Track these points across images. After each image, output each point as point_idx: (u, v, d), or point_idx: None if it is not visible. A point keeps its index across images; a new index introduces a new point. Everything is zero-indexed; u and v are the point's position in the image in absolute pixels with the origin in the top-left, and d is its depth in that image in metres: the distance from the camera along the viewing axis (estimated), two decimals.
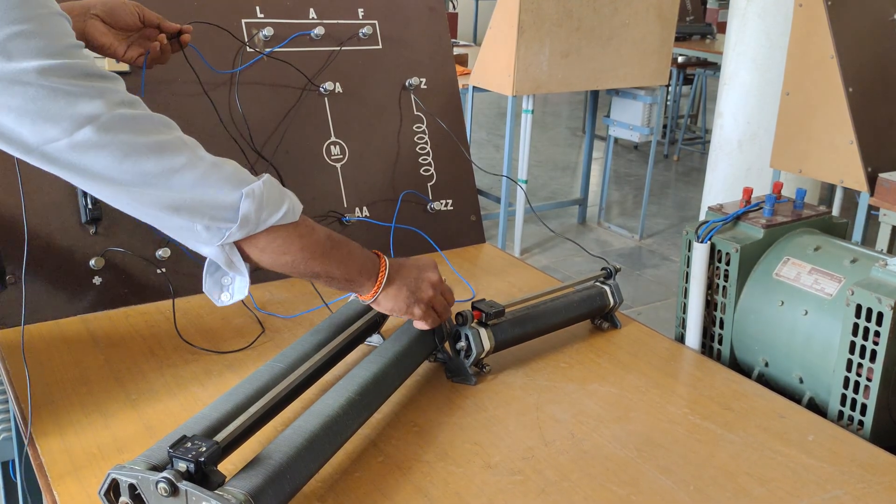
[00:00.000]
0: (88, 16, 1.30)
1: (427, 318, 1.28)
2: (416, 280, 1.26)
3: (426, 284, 1.27)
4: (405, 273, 1.26)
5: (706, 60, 6.91)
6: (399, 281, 1.24)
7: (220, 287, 1.19)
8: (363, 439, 1.17)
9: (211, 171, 1.05)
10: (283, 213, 1.10)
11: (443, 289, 1.30)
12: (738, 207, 1.53)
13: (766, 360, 1.46)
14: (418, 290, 1.26)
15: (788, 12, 3.55)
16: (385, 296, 1.23)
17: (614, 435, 1.21)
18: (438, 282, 1.29)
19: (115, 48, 1.33)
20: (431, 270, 1.29)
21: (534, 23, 4.11)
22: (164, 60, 1.42)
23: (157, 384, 1.29)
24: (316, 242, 1.15)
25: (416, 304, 1.25)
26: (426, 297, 1.26)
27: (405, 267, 1.27)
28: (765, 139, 3.82)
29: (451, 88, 1.98)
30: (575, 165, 7.01)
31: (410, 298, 1.25)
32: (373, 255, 1.24)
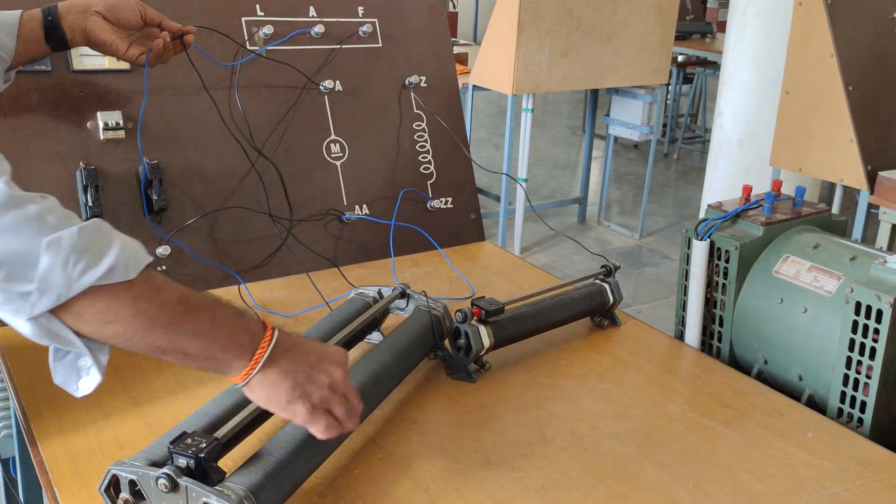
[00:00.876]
0: (90, 13, 1.30)
1: (316, 423, 0.96)
2: (311, 370, 0.96)
3: (322, 380, 0.96)
4: (298, 357, 0.96)
5: (706, 59, 6.90)
6: (286, 365, 0.94)
7: (76, 372, 0.92)
8: (363, 436, 1.17)
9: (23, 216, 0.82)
10: (107, 270, 0.83)
11: (345, 390, 0.99)
12: (738, 205, 1.53)
13: (766, 358, 1.46)
14: (309, 383, 0.95)
15: (788, 11, 3.55)
16: (261, 381, 0.93)
17: (614, 432, 1.21)
18: (341, 381, 0.98)
19: (117, 46, 1.33)
20: (335, 365, 0.98)
21: (534, 22, 4.11)
22: (165, 60, 1.42)
23: (157, 381, 1.29)
24: (160, 308, 0.87)
25: (300, 402, 0.94)
26: (317, 395, 0.95)
27: (300, 349, 0.97)
28: (764, 138, 3.82)
29: (451, 87, 1.98)
30: (575, 164, 7.01)
31: (295, 392, 0.94)
32: (254, 325, 0.95)
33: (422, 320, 1.34)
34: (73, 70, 1.53)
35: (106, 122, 1.53)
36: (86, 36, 1.31)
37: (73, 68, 1.53)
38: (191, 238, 1.60)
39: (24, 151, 1.47)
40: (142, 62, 1.36)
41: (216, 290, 1.60)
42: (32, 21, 1.28)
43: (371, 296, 1.41)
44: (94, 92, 1.55)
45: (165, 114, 1.61)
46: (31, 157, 1.48)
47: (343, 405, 0.98)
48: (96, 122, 1.53)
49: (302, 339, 1.00)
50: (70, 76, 1.53)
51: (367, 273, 1.73)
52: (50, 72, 1.52)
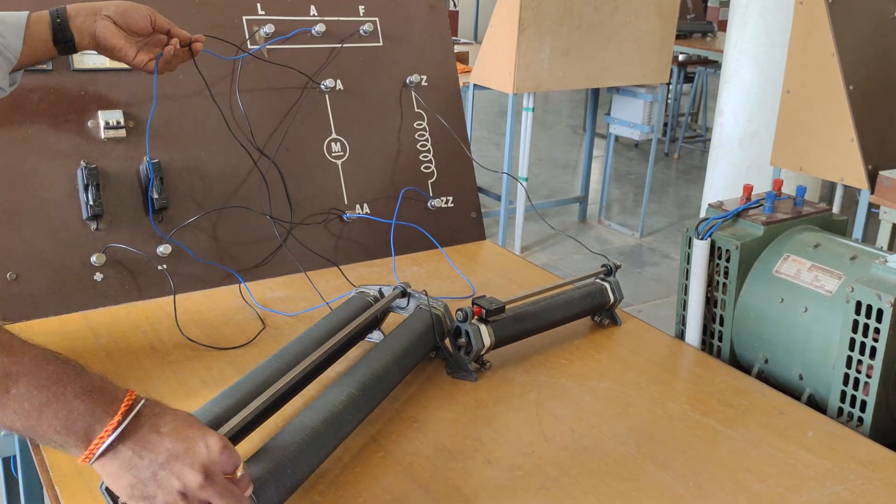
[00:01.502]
0: (100, 17, 1.30)
1: None
2: (159, 469, 0.81)
3: (172, 484, 0.81)
4: (147, 449, 0.81)
5: (707, 58, 6.91)
6: (129, 459, 0.81)
7: None
8: (364, 435, 1.17)
9: None
10: None
11: (206, 497, 0.82)
12: (739, 204, 1.53)
13: (766, 357, 1.46)
14: (153, 484, 0.81)
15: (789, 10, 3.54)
16: (101, 467, 0.82)
17: (614, 431, 1.22)
18: (196, 488, 0.82)
19: (126, 51, 1.32)
20: (193, 468, 0.81)
21: (534, 21, 4.11)
22: (172, 67, 1.41)
23: (158, 380, 1.29)
24: None
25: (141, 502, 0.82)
26: (162, 501, 0.81)
27: (155, 439, 0.82)
28: (765, 137, 3.82)
29: (452, 86, 1.98)
30: (575, 163, 7.01)
31: (135, 491, 0.81)
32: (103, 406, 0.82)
33: (422, 319, 1.34)
34: (73, 69, 1.53)
35: (107, 120, 1.53)
36: (95, 40, 1.30)
37: (73, 67, 1.53)
38: (192, 237, 1.60)
39: (25, 150, 1.48)
40: (150, 69, 1.35)
41: (217, 289, 1.60)
42: (40, 22, 1.27)
43: (372, 295, 1.41)
44: (94, 91, 1.55)
45: (166, 113, 1.61)
46: (32, 156, 1.48)
47: None
48: (97, 120, 1.54)
49: (168, 426, 0.83)
50: (71, 75, 1.53)
51: (368, 272, 1.74)
52: (51, 70, 1.52)
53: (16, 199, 1.46)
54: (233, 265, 1.63)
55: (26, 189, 1.47)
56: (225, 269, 1.61)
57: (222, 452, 0.83)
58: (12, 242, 1.44)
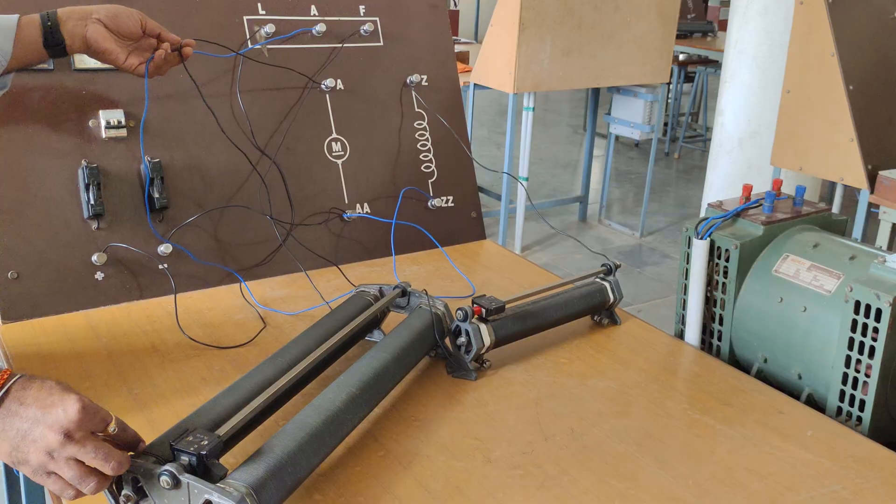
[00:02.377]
0: (91, 20, 1.30)
1: (46, 486, 0.92)
2: (25, 434, 0.89)
3: (37, 445, 0.89)
4: (14, 419, 0.90)
5: (707, 58, 6.91)
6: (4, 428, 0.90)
7: None
8: (364, 433, 1.18)
9: None
10: None
11: (71, 454, 0.89)
12: (738, 204, 1.53)
13: (765, 357, 1.47)
14: (23, 450, 0.90)
15: (789, 10, 3.55)
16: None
17: (614, 430, 1.22)
18: (58, 446, 0.89)
19: (116, 54, 1.33)
20: (50, 429, 0.89)
21: (535, 20, 4.11)
22: (163, 72, 1.42)
23: (159, 379, 1.30)
24: None
25: (20, 466, 0.91)
26: (34, 460, 0.89)
27: (21, 410, 0.90)
28: (765, 137, 3.82)
29: (453, 85, 1.98)
30: (576, 163, 7.01)
31: (13, 456, 0.90)
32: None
33: (423, 318, 1.34)
34: (75, 68, 1.54)
35: (108, 120, 1.53)
36: (86, 43, 1.31)
37: (75, 67, 1.54)
38: (192, 236, 1.60)
39: (26, 149, 1.48)
40: (140, 72, 1.36)
41: (218, 288, 1.60)
42: (31, 26, 1.27)
43: (372, 294, 1.41)
44: (96, 90, 1.55)
45: (167, 112, 1.61)
46: (34, 156, 1.49)
47: (70, 469, 0.89)
48: (98, 120, 1.54)
49: (31, 397, 0.90)
50: (72, 75, 1.54)
51: (369, 271, 1.74)
52: (52, 70, 1.52)
53: (17, 198, 1.46)
54: (233, 265, 1.64)
55: (27, 188, 1.47)
56: (225, 269, 1.62)
57: (80, 413, 0.90)
58: (13, 241, 1.45)
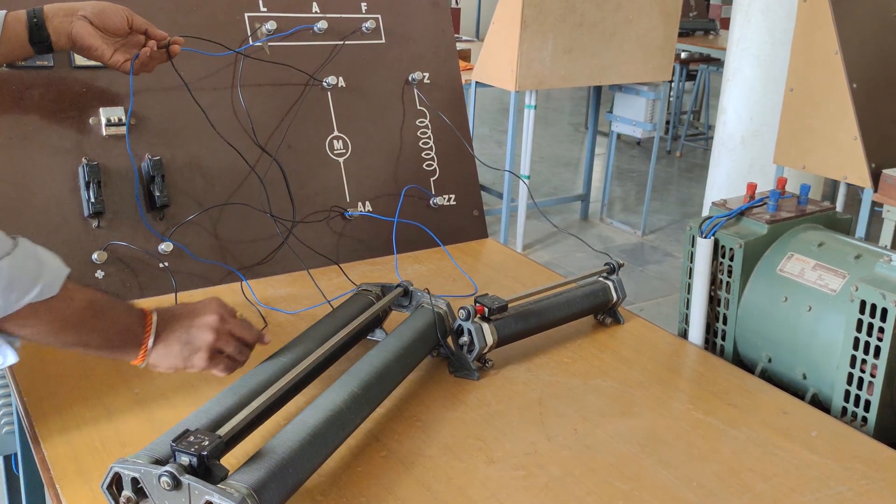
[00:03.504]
0: (76, 17, 1.30)
1: (216, 365, 1.14)
2: (189, 329, 1.12)
3: (203, 331, 1.12)
4: (175, 325, 1.12)
5: (709, 56, 6.89)
6: (169, 336, 1.11)
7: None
8: (366, 434, 1.17)
9: None
10: (37, 293, 0.99)
11: (230, 327, 1.15)
12: (742, 203, 1.53)
13: (770, 356, 1.46)
14: (192, 340, 1.12)
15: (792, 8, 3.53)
16: (156, 356, 1.11)
17: (617, 430, 1.21)
18: (218, 322, 1.13)
19: (102, 51, 1.32)
20: (207, 313, 1.14)
21: (537, 18, 4.10)
22: (150, 69, 1.41)
23: (159, 379, 1.28)
24: (72, 314, 1.04)
25: (194, 356, 1.12)
26: (204, 344, 1.12)
27: (176, 318, 1.13)
28: (768, 135, 3.81)
29: (455, 83, 1.97)
30: (577, 161, 7.00)
31: (185, 351, 1.11)
32: (138, 316, 1.11)
33: (425, 318, 1.33)
34: (75, 66, 1.53)
35: (108, 117, 1.53)
36: (71, 40, 1.30)
37: (75, 64, 1.53)
38: (193, 234, 1.59)
39: (26, 147, 1.47)
40: (126, 69, 1.35)
41: (219, 286, 1.60)
42: (17, 22, 1.27)
43: (374, 293, 1.40)
44: (96, 88, 1.54)
45: (167, 110, 1.60)
46: (34, 153, 1.48)
47: (230, 343, 1.14)
48: (98, 118, 1.53)
49: (176, 308, 1.15)
50: (72, 72, 1.53)
51: (370, 270, 1.73)
52: (52, 67, 1.51)
53: (16, 196, 1.45)
54: (234, 263, 1.63)
55: (27, 186, 1.46)
56: (226, 268, 1.61)
57: (218, 302, 1.16)
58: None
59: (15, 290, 0.97)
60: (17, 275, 0.97)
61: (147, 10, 1.58)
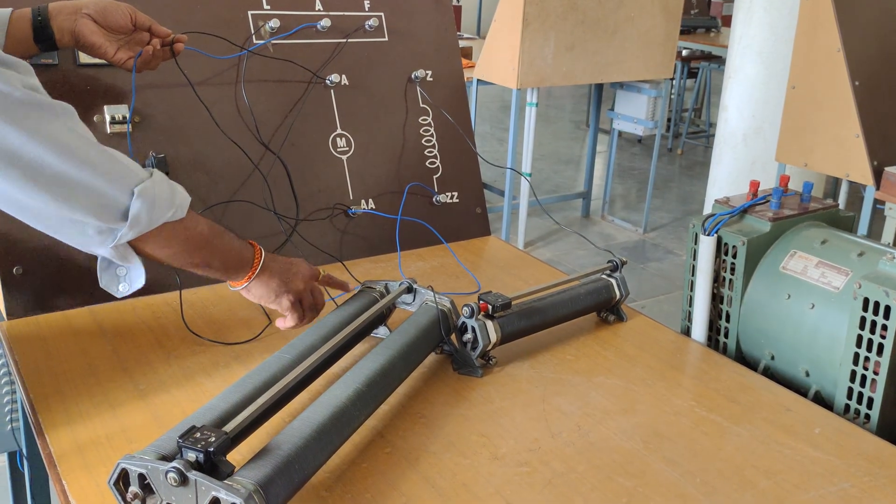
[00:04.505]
0: (80, 14, 1.30)
1: (293, 312, 1.29)
2: (289, 272, 1.29)
3: (299, 278, 1.30)
4: (278, 265, 1.28)
5: (710, 54, 6.89)
6: (271, 270, 1.27)
7: (116, 279, 1.19)
8: (370, 430, 1.17)
9: (104, 161, 1.05)
10: (173, 212, 1.12)
11: (314, 287, 1.33)
12: (745, 200, 1.53)
13: (773, 354, 1.46)
14: (290, 281, 1.28)
15: (794, 5, 3.53)
16: (257, 283, 1.26)
17: (620, 427, 1.22)
18: (311, 277, 1.32)
19: (105, 48, 1.33)
20: (305, 266, 1.33)
21: (538, 16, 4.10)
22: (153, 66, 1.41)
23: (164, 375, 1.29)
24: (199, 235, 1.18)
25: (285, 295, 1.28)
26: (296, 288, 1.29)
27: (279, 260, 1.30)
28: (769, 133, 3.81)
29: (457, 81, 1.98)
30: (578, 159, 7.00)
31: (281, 288, 1.27)
32: (248, 245, 1.26)
33: (429, 315, 1.34)
34: (79, 63, 1.53)
35: (113, 115, 1.53)
36: (75, 37, 1.31)
37: (79, 62, 1.53)
38: None
39: None
40: (129, 67, 1.35)
41: (221, 284, 1.57)
42: (22, 20, 1.28)
43: (378, 290, 1.41)
44: (100, 85, 1.54)
45: (171, 107, 1.61)
46: None
47: (312, 299, 1.32)
48: (103, 115, 1.53)
49: (277, 256, 1.31)
50: (77, 70, 1.53)
51: (373, 267, 1.73)
52: (56, 65, 1.51)
53: None
54: None
55: None
56: None
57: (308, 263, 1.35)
58: (18, 236, 1.44)
59: (157, 207, 1.09)
60: (158, 194, 1.09)
61: (151, 8, 1.59)
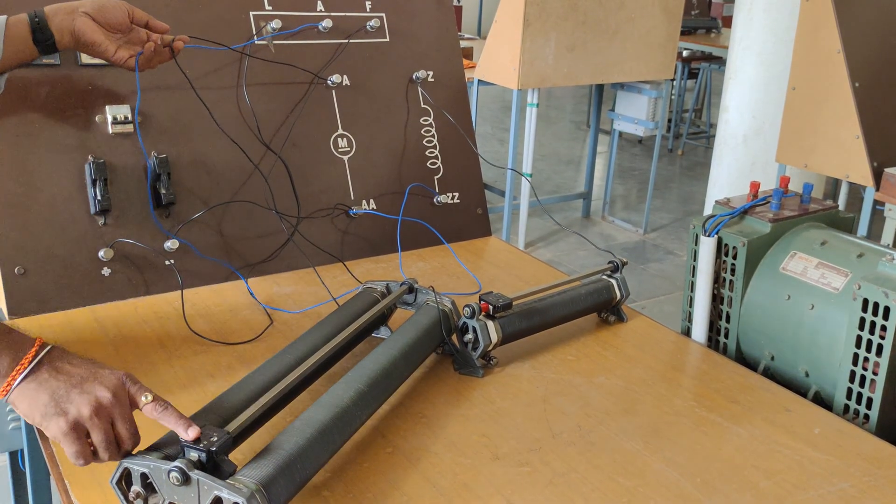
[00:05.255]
0: (78, 13, 1.31)
1: (68, 445, 0.92)
2: (72, 388, 0.93)
3: (85, 399, 0.92)
4: (63, 374, 0.94)
5: (711, 55, 6.89)
6: (46, 380, 0.93)
7: None
8: (371, 430, 1.18)
9: None
10: None
11: (115, 414, 0.93)
12: (745, 201, 1.53)
13: (773, 354, 1.47)
14: (67, 401, 0.92)
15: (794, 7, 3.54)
16: (20, 393, 0.93)
17: (621, 427, 1.22)
18: (108, 404, 0.93)
19: (105, 46, 1.33)
20: (104, 386, 0.93)
21: (539, 16, 4.11)
22: (153, 65, 1.41)
23: (167, 375, 1.30)
24: None
25: (55, 417, 0.91)
26: (74, 413, 0.92)
27: (69, 369, 0.94)
28: (770, 134, 3.82)
29: (458, 82, 1.98)
30: (579, 159, 7.01)
31: (50, 407, 0.92)
32: (19, 344, 0.95)
33: (430, 315, 1.34)
34: (81, 63, 1.53)
35: (114, 115, 1.53)
36: (74, 37, 1.31)
37: (81, 62, 1.53)
38: (198, 232, 1.60)
39: (33, 144, 1.48)
40: (131, 66, 1.36)
41: (222, 284, 1.60)
42: (19, 24, 1.28)
43: (379, 291, 1.41)
44: (102, 85, 1.55)
45: (173, 107, 1.61)
46: (40, 151, 1.48)
47: (102, 431, 0.92)
48: (105, 115, 1.54)
49: (77, 360, 0.96)
50: (78, 70, 1.53)
51: (375, 267, 1.74)
52: (58, 65, 1.52)
53: (23, 193, 1.46)
54: (239, 260, 1.64)
55: (34, 183, 1.47)
56: (228, 267, 1.61)
57: (125, 377, 0.96)
58: (20, 237, 1.45)
59: None
60: None
61: (152, 8, 1.59)
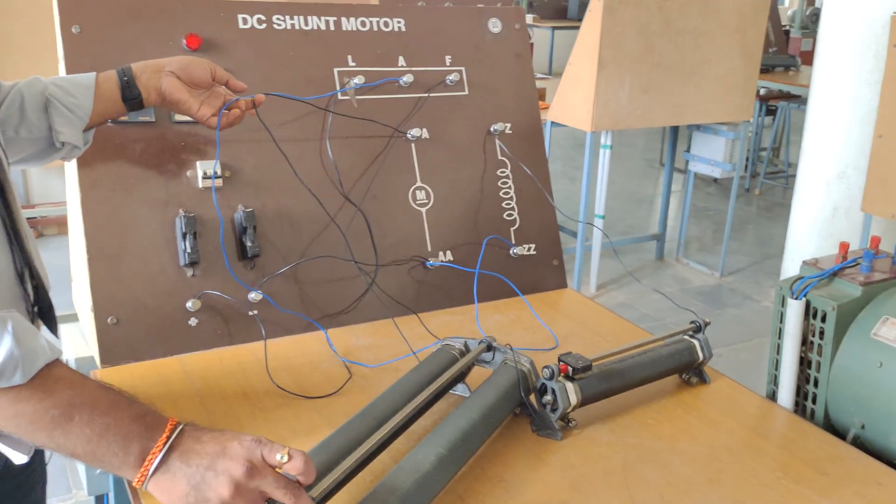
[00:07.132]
0: (164, 73, 1.37)
1: None
2: (206, 471, 0.89)
3: (220, 481, 0.89)
4: (192, 458, 0.90)
5: (789, 93, 6.75)
6: (178, 469, 0.90)
7: None
8: (449, 493, 1.17)
9: None
10: None
11: (258, 484, 0.90)
12: (835, 263, 1.49)
13: (863, 423, 1.41)
14: (204, 485, 0.89)
15: (879, 48, 3.46)
16: (156, 486, 0.91)
17: (706, 498, 1.19)
18: (244, 474, 0.89)
19: (190, 104, 1.39)
20: (235, 461, 0.89)
21: (614, 58, 4.10)
22: (232, 124, 1.46)
23: (250, 427, 1.32)
24: (44, 412, 0.89)
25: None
26: (216, 498, 0.89)
27: (198, 450, 0.91)
28: (853, 178, 3.71)
29: (535, 133, 1.99)
30: (651, 198, 6.92)
31: (189, 498, 0.89)
32: (151, 430, 0.92)
33: (508, 375, 1.34)
34: (174, 121, 1.60)
35: (205, 171, 1.59)
36: (161, 95, 1.37)
37: (174, 119, 1.60)
38: (280, 283, 1.63)
39: (128, 198, 1.54)
40: (213, 124, 1.41)
41: (303, 335, 1.63)
42: (108, 82, 1.35)
43: (457, 348, 1.42)
44: (193, 142, 1.61)
45: (258, 161, 1.66)
46: (135, 204, 1.55)
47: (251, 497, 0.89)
48: (195, 170, 1.59)
49: (207, 436, 0.93)
50: (172, 126, 1.60)
51: (451, 320, 1.74)
52: (154, 122, 1.59)
53: (117, 245, 1.52)
54: (317, 312, 1.66)
55: (128, 236, 1.53)
56: (307, 320, 1.64)
57: (258, 443, 0.92)
58: (113, 288, 1.51)
59: None
60: None
61: (242, 67, 1.66)
